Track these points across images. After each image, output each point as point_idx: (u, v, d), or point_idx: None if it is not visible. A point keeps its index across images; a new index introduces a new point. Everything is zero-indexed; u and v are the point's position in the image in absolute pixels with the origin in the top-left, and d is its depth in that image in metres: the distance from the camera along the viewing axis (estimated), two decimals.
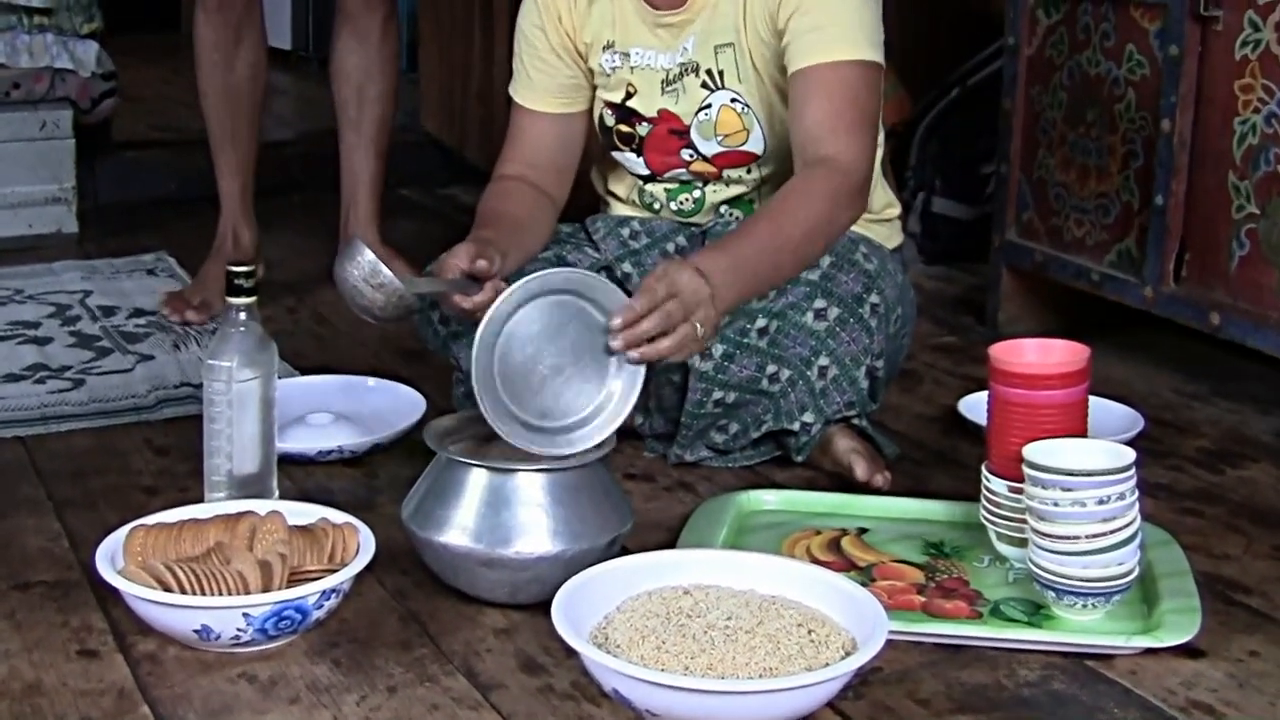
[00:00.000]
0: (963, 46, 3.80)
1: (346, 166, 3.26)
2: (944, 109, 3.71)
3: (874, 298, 2.27)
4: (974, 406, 2.48)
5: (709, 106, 2.38)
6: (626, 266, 2.52)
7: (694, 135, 2.41)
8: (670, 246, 2.50)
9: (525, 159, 2.47)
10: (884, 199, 2.55)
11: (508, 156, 2.48)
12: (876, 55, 2.27)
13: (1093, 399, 2.00)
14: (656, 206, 2.52)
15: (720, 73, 2.37)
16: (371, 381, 2.63)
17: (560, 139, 2.49)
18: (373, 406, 2.51)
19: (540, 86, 2.46)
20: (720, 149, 2.40)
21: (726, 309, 2.08)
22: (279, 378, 2.12)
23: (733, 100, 2.37)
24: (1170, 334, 2.94)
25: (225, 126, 3.15)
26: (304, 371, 2.74)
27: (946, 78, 3.77)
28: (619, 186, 2.59)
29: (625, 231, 2.54)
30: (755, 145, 2.40)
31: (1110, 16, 2.84)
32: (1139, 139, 2.80)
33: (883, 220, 2.54)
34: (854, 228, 2.43)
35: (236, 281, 2.02)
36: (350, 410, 2.47)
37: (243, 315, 2.03)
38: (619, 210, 2.61)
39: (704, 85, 2.38)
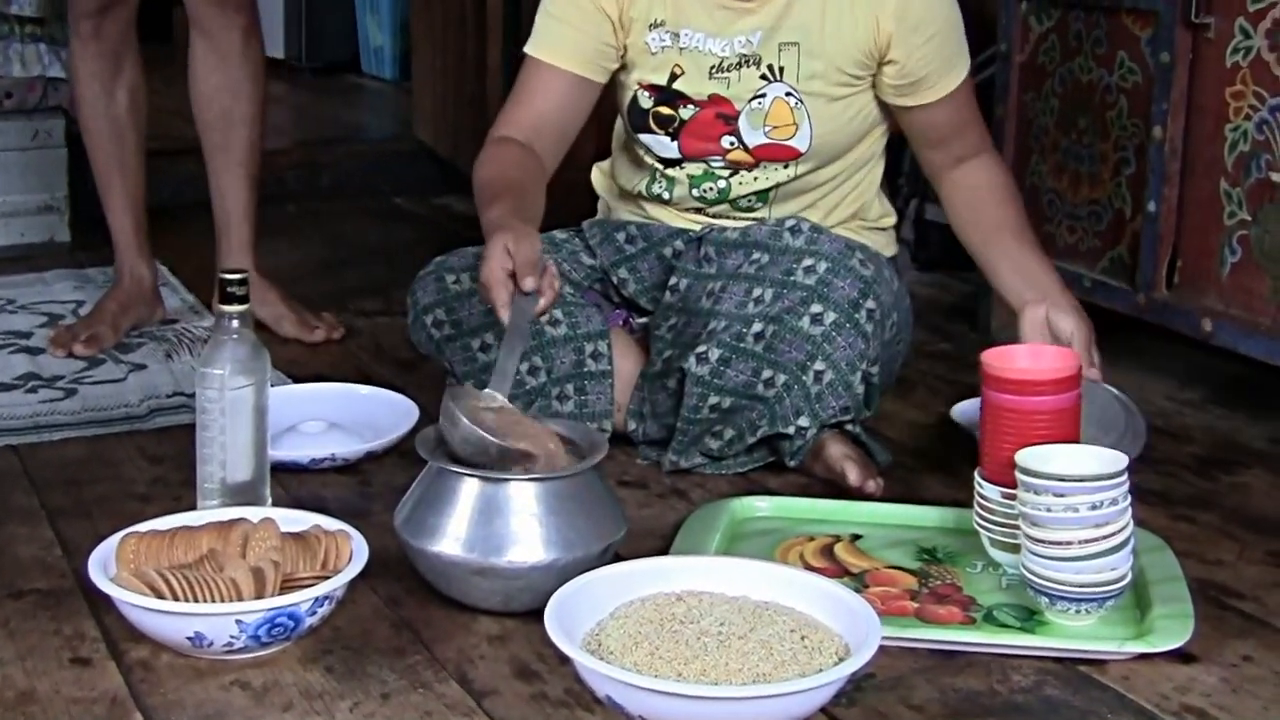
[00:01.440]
0: None
1: (217, 195, 3.08)
2: None
3: (870, 303, 2.27)
4: (967, 413, 2.48)
5: (763, 96, 2.38)
6: (622, 273, 2.52)
7: (742, 122, 2.40)
8: (667, 250, 2.51)
9: (530, 122, 2.40)
10: (880, 208, 2.56)
11: (511, 118, 2.42)
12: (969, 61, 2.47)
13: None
14: (667, 196, 2.50)
15: (781, 69, 2.37)
16: (365, 389, 2.62)
17: (572, 105, 2.43)
18: (366, 414, 2.51)
19: (571, 43, 2.41)
20: (765, 140, 2.40)
21: None
22: (272, 386, 2.12)
23: (788, 94, 2.37)
24: (1163, 341, 2.94)
25: (111, 159, 3.05)
26: (297, 379, 2.74)
27: None
28: (626, 179, 2.57)
29: (621, 236, 2.54)
30: (800, 142, 2.40)
31: (1102, 24, 2.85)
32: (1131, 146, 2.81)
33: (878, 229, 2.55)
34: (850, 235, 2.44)
35: (229, 289, 2.02)
36: (343, 418, 2.46)
37: (235, 323, 2.02)
38: (617, 210, 2.60)
39: (762, 77, 2.38)
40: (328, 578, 1.79)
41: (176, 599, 1.72)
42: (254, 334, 2.05)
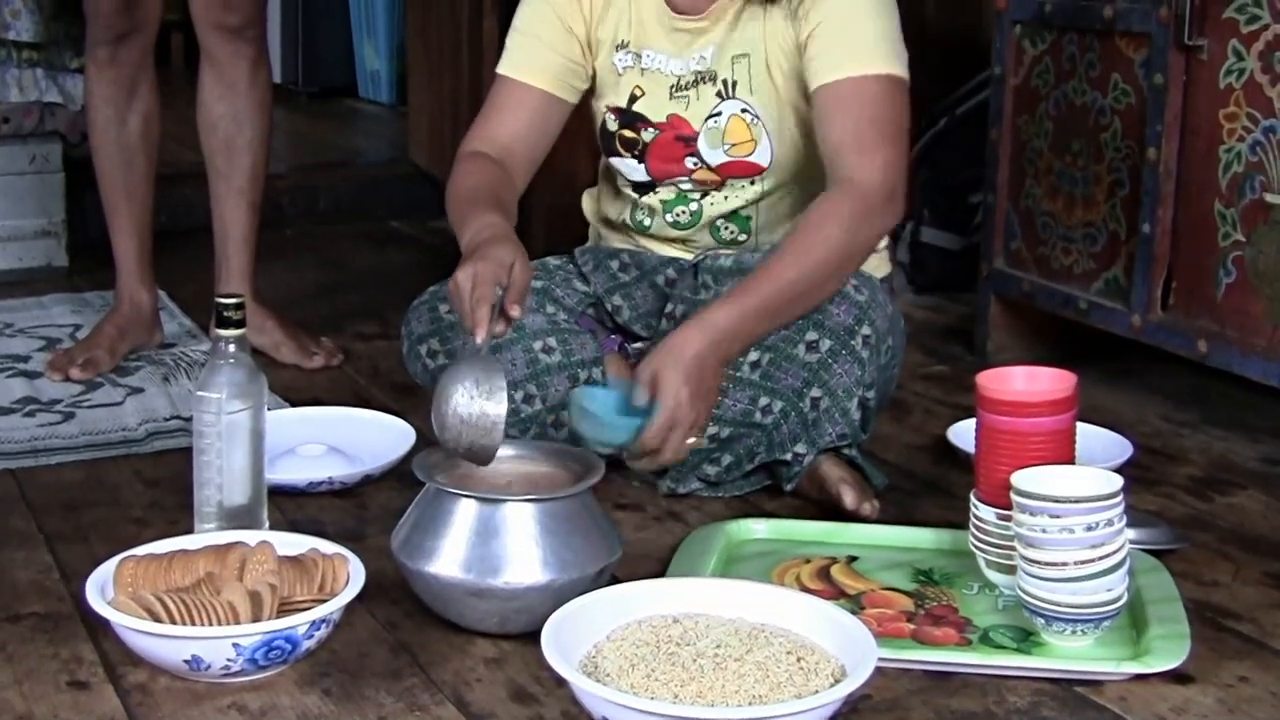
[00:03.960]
0: (951, 76, 3.81)
1: (218, 221, 3.08)
2: (932, 139, 3.73)
3: (865, 329, 2.27)
4: (963, 434, 2.48)
5: (719, 114, 2.40)
6: (616, 300, 2.52)
7: (701, 143, 2.41)
8: (660, 279, 2.51)
9: (501, 140, 2.42)
10: None
11: (481, 134, 2.44)
12: (897, 68, 2.31)
13: (1081, 426, 2.00)
14: (648, 223, 2.51)
15: (734, 83, 2.38)
16: (362, 413, 2.63)
17: (541, 122, 2.45)
18: (363, 438, 2.51)
19: (540, 61, 2.44)
20: (726, 158, 2.41)
21: (735, 357, 2.24)
22: (269, 409, 2.12)
23: (743, 110, 2.39)
24: (1158, 362, 2.94)
25: (119, 183, 3.05)
26: (294, 403, 2.74)
27: (934, 108, 3.78)
28: (611, 208, 2.58)
29: (614, 264, 2.55)
30: (761, 157, 2.40)
31: (1095, 46, 2.86)
32: (1125, 168, 2.81)
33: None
34: None
35: (226, 314, 2.02)
36: (341, 442, 2.47)
37: (232, 347, 2.03)
38: (609, 239, 2.61)
39: (718, 94, 2.39)
40: (325, 601, 1.79)
41: (174, 622, 1.72)
42: (250, 358, 2.05)
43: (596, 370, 2.38)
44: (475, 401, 1.92)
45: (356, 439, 2.51)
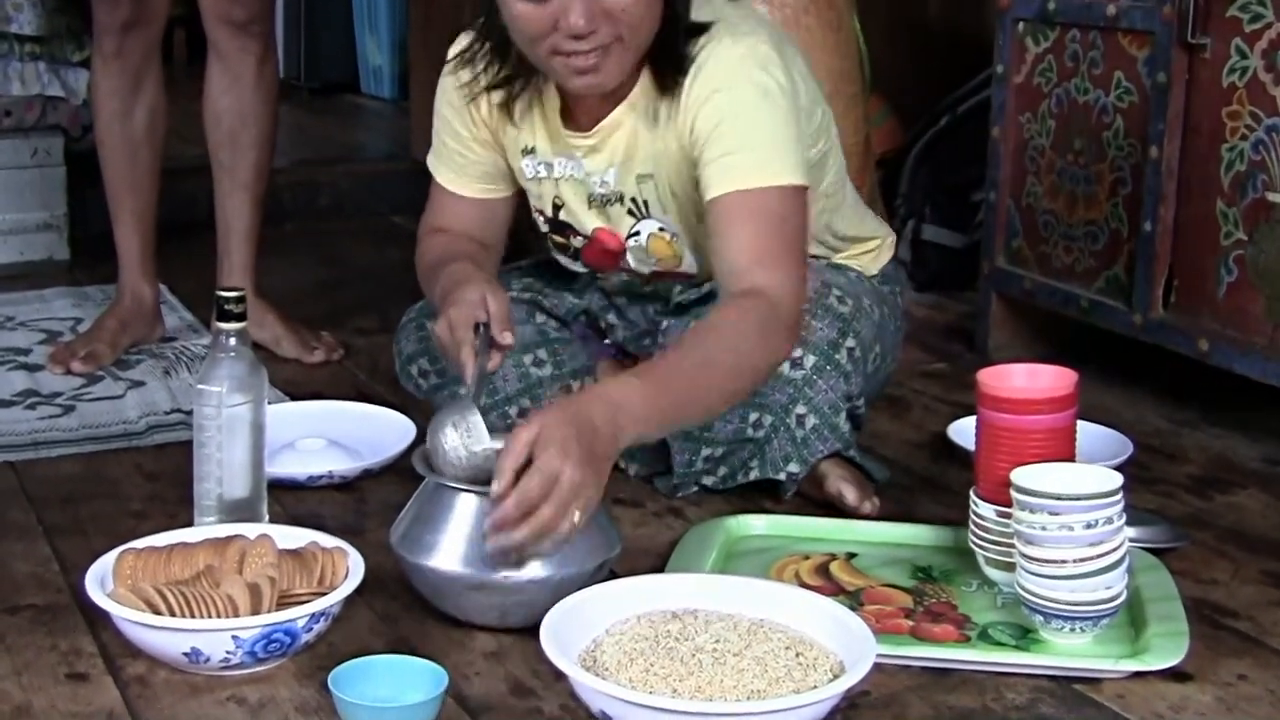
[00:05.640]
0: (953, 74, 3.82)
1: (221, 215, 3.08)
2: (934, 136, 3.73)
3: (850, 341, 2.25)
4: (963, 432, 2.48)
5: (638, 233, 2.30)
6: (610, 318, 2.50)
7: (629, 258, 2.34)
8: (651, 309, 2.47)
9: (452, 229, 2.37)
10: (849, 248, 2.49)
11: (433, 222, 2.39)
12: (796, 177, 2.11)
13: (1082, 424, 2.00)
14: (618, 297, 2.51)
15: (645, 203, 2.27)
16: (362, 407, 2.63)
17: (485, 219, 2.38)
18: (363, 432, 2.51)
19: (462, 171, 2.36)
20: (656, 268, 2.35)
21: (627, 441, 1.86)
22: (270, 403, 2.12)
23: (660, 229, 2.30)
24: (1159, 360, 2.94)
25: (124, 177, 3.05)
26: (295, 397, 2.74)
27: (937, 105, 3.78)
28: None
29: (606, 287, 2.51)
30: (689, 268, 2.34)
31: (1098, 44, 2.86)
32: (1127, 166, 2.81)
33: (865, 252, 2.50)
34: (833, 256, 2.42)
35: (227, 307, 2.02)
36: (341, 436, 2.47)
37: (233, 341, 2.03)
38: None
39: (630, 213, 2.29)
40: (324, 594, 1.80)
41: (173, 615, 1.73)
42: (251, 351, 2.05)
43: (589, 380, 2.37)
44: (461, 446, 1.93)
45: (356, 433, 2.51)
